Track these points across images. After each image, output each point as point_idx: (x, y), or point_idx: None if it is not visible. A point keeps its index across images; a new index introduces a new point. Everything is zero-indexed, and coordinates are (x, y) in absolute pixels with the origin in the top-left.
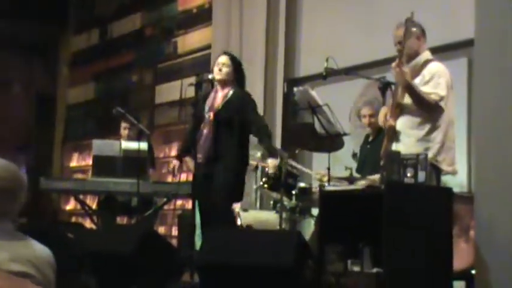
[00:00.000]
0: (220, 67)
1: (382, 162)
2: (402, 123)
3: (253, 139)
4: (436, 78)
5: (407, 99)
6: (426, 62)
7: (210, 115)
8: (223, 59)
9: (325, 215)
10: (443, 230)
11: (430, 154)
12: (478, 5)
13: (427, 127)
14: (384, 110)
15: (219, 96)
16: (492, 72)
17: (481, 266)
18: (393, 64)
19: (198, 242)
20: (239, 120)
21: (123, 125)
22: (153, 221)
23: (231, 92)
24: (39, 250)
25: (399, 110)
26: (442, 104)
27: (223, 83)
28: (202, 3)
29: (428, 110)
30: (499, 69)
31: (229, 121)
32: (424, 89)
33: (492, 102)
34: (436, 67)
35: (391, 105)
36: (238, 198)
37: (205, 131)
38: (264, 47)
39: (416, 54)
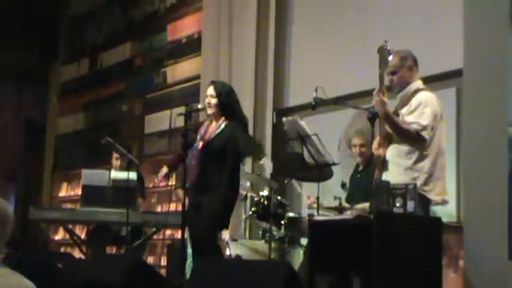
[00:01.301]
0: (209, 100)
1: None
2: (391, 153)
3: (242, 169)
4: (421, 108)
5: None
6: (416, 92)
7: (199, 144)
8: (210, 90)
9: (314, 245)
10: (432, 259)
11: (418, 184)
12: (466, 36)
13: (414, 156)
14: (378, 138)
15: (212, 126)
16: (480, 102)
17: None
18: (374, 92)
19: (189, 272)
20: (229, 150)
21: (115, 155)
22: (143, 251)
23: (223, 125)
24: (22, 282)
25: (388, 139)
26: (424, 133)
27: (215, 115)
28: (192, 34)
29: (409, 140)
30: (487, 99)
31: (218, 152)
32: (408, 119)
33: (481, 132)
34: (423, 96)
35: (380, 134)
36: (224, 226)
37: (193, 162)
38: (253, 77)
39: (407, 84)
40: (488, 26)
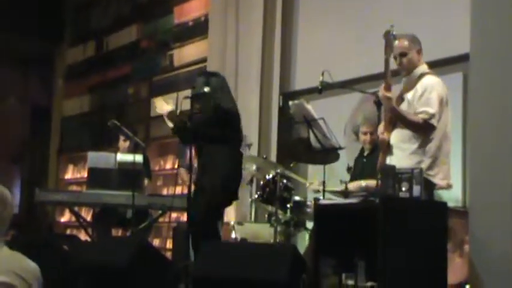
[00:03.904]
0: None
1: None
2: (395, 137)
3: (248, 152)
4: (427, 94)
5: None
6: (421, 76)
7: None
8: None
9: (320, 229)
10: (437, 244)
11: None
12: (474, 20)
13: (419, 141)
14: (384, 123)
15: None
16: (487, 87)
17: (475, 281)
18: (381, 87)
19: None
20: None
21: (122, 137)
22: (148, 234)
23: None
24: (26, 263)
25: (392, 124)
26: (432, 121)
27: None
28: (199, 16)
29: (418, 130)
30: (494, 84)
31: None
32: (415, 106)
33: (487, 117)
34: (429, 81)
35: (385, 119)
36: (226, 201)
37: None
38: (259, 60)
39: (415, 67)
40: (496, 10)
